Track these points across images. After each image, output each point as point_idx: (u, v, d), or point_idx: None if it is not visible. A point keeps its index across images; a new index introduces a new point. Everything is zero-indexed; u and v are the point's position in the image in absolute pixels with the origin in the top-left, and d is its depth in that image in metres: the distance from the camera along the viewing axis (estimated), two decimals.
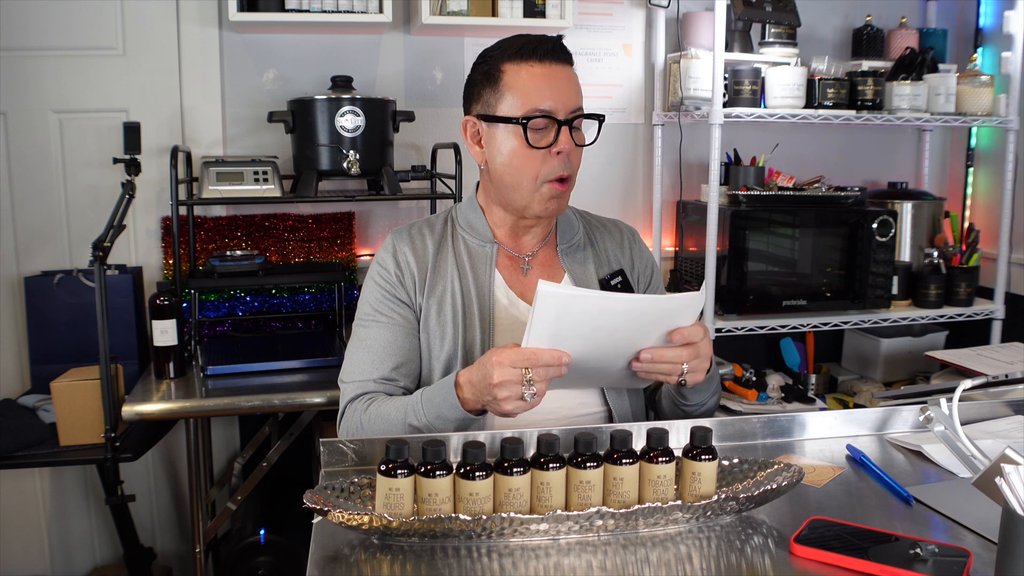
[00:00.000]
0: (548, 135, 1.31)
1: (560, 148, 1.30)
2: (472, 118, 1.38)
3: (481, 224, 1.43)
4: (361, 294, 1.41)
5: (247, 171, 2.12)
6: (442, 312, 1.35)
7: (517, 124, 1.30)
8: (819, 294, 2.38)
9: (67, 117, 2.27)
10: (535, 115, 1.29)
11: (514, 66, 1.31)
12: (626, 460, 0.95)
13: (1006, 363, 1.94)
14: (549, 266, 1.44)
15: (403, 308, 1.37)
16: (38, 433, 1.93)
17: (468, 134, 1.39)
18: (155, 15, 2.27)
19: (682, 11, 2.55)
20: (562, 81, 1.32)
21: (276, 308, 2.34)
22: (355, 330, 1.39)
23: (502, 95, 1.32)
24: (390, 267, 1.38)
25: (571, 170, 1.33)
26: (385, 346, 1.34)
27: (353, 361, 1.36)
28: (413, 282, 1.37)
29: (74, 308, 2.14)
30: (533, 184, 1.32)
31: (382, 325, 1.36)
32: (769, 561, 0.90)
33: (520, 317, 1.37)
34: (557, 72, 1.32)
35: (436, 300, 1.36)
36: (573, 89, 1.33)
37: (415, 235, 1.42)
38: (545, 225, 1.44)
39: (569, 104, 1.31)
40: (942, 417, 1.15)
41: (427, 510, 0.91)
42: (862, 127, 2.69)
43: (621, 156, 2.63)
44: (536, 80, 1.30)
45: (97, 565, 2.46)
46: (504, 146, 1.33)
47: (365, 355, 1.35)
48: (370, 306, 1.38)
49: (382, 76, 2.43)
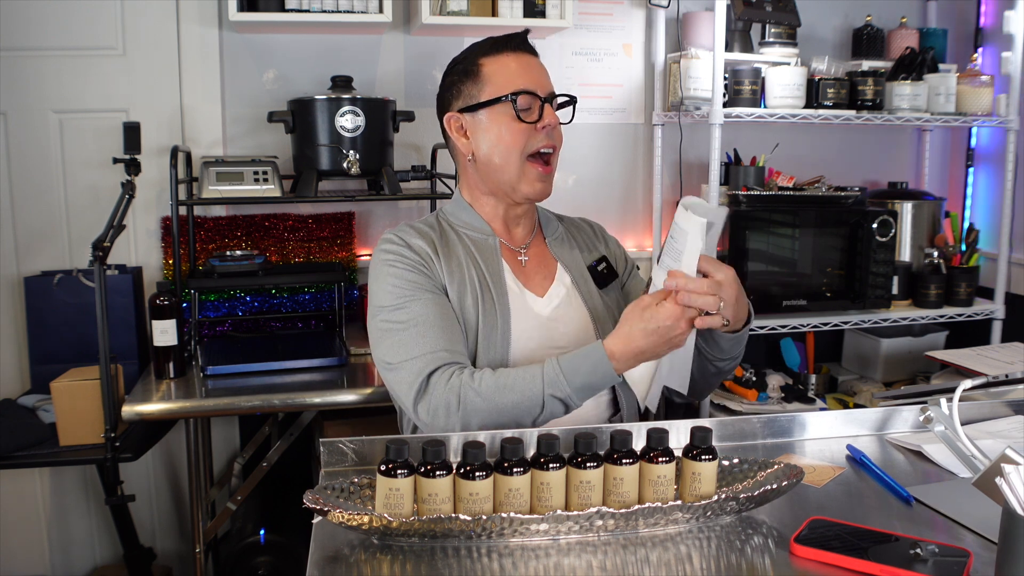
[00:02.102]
0: (533, 112, 1.39)
1: (546, 123, 1.38)
2: (454, 114, 1.44)
3: (476, 219, 1.46)
4: (375, 287, 1.37)
5: (247, 171, 2.12)
6: (463, 296, 1.36)
7: (506, 100, 1.37)
8: (819, 294, 2.38)
9: (67, 117, 2.27)
10: (521, 91, 1.37)
11: (491, 59, 1.41)
12: (626, 460, 0.95)
13: (1006, 363, 1.94)
14: (542, 256, 1.49)
15: (435, 284, 1.36)
16: (38, 433, 1.93)
17: (452, 129, 1.44)
18: (155, 15, 2.27)
19: (682, 11, 2.55)
20: (536, 68, 1.43)
21: (276, 308, 2.34)
22: (385, 318, 1.33)
23: (484, 84, 1.40)
24: (406, 253, 1.37)
25: (555, 142, 1.41)
26: (437, 317, 1.31)
27: (403, 340, 1.29)
28: (432, 263, 1.38)
29: (74, 308, 2.14)
30: (519, 160, 1.38)
31: (422, 301, 1.32)
32: (769, 561, 0.90)
33: (528, 304, 1.41)
34: (531, 61, 1.43)
35: (456, 285, 1.37)
36: (545, 74, 1.43)
37: (418, 228, 1.44)
38: (530, 217, 1.51)
39: (546, 86, 1.42)
40: (942, 417, 1.15)
41: (427, 510, 0.91)
42: (862, 127, 2.69)
43: (621, 156, 2.63)
44: (512, 67, 1.40)
45: (97, 565, 2.46)
46: (491, 129, 1.39)
47: (417, 331, 1.29)
48: (399, 288, 1.33)
49: (382, 76, 2.43)
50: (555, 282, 1.46)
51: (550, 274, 1.47)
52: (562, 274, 1.48)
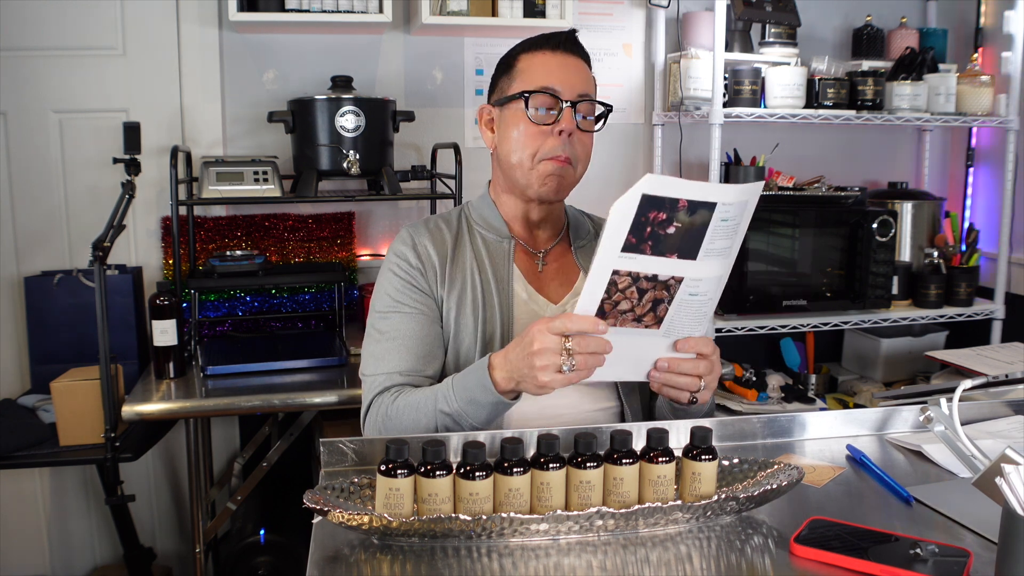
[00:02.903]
0: (550, 114, 1.32)
1: (562, 127, 1.31)
2: (486, 106, 1.42)
3: (496, 219, 1.43)
4: (377, 287, 1.39)
5: (247, 171, 2.12)
6: (462, 305, 1.34)
7: (520, 98, 1.32)
8: (819, 294, 2.38)
9: (67, 117, 2.27)
10: (539, 90, 1.32)
11: (529, 54, 1.36)
12: (626, 460, 0.95)
13: (1006, 363, 1.94)
14: (564, 263, 1.44)
15: (425, 298, 1.35)
16: (38, 433, 1.93)
17: (483, 121, 1.42)
18: (155, 15, 2.27)
19: (682, 11, 2.55)
20: (572, 68, 1.35)
21: (276, 308, 2.34)
22: (374, 323, 1.36)
23: (513, 80, 1.36)
24: (410, 257, 1.36)
25: (571, 152, 1.33)
26: (409, 336, 1.32)
27: (376, 353, 1.33)
28: (434, 273, 1.36)
29: (74, 308, 2.14)
30: (531, 163, 1.33)
31: (405, 315, 1.33)
32: (769, 561, 0.90)
33: (539, 311, 1.36)
34: (568, 60, 1.35)
35: (456, 293, 1.35)
36: (582, 77, 1.35)
37: (432, 228, 1.41)
38: (556, 222, 1.45)
39: (576, 88, 1.33)
40: (942, 417, 1.15)
41: (427, 510, 0.91)
42: (862, 127, 2.69)
43: (621, 156, 2.63)
44: (547, 64, 1.34)
45: (97, 565, 2.46)
46: (511, 126, 1.35)
47: (388, 346, 1.32)
48: (390, 297, 1.35)
49: (382, 76, 2.43)
50: (572, 291, 1.40)
51: (568, 281, 1.42)
52: (582, 283, 1.37)
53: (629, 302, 1.10)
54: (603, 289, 1.08)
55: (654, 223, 1.05)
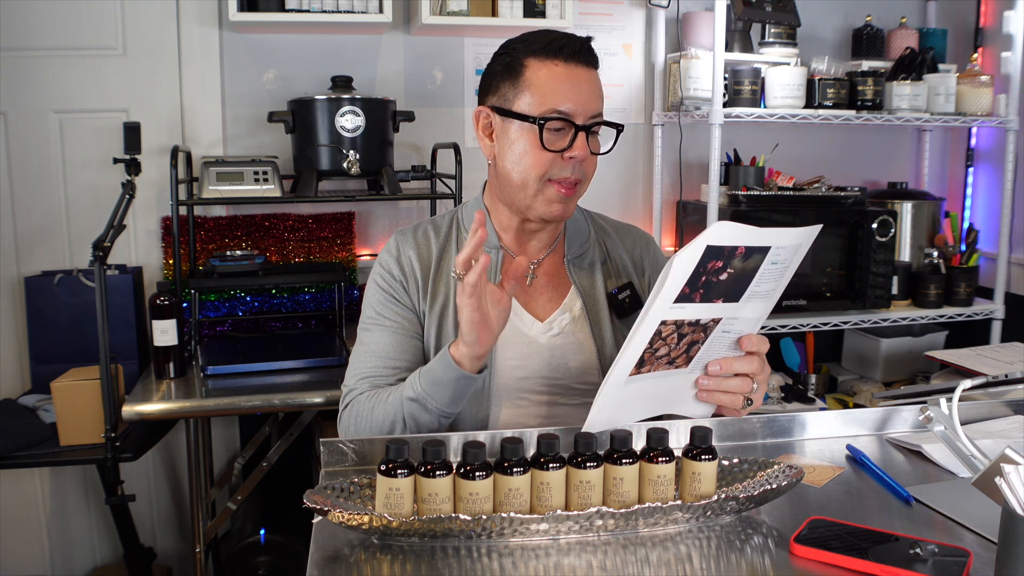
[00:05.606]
0: (564, 138, 1.24)
1: (574, 154, 1.24)
2: (486, 109, 1.31)
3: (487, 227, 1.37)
4: (364, 296, 1.40)
5: (247, 171, 2.12)
6: (444, 320, 1.32)
7: (533, 123, 1.23)
8: (819, 294, 2.38)
9: (67, 117, 2.27)
10: (552, 116, 1.23)
11: (538, 62, 1.25)
12: (626, 460, 0.95)
13: (1006, 363, 1.94)
14: (555, 276, 1.37)
15: (406, 311, 1.34)
16: (38, 433, 1.93)
17: (480, 125, 1.32)
18: (155, 15, 2.27)
19: (682, 11, 2.55)
20: (585, 84, 1.26)
21: (276, 308, 2.34)
22: (358, 334, 1.37)
23: (521, 90, 1.25)
24: (393, 270, 1.35)
25: (581, 175, 1.27)
26: (387, 350, 1.32)
27: (355, 365, 1.34)
28: (416, 286, 1.34)
29: (74, 308, 2.14)
30: (537, 184, 1.26)
31: (384, 329, 1.33)
32: (769, 561, 0.90)
33: (523, 328, 1.32)
34: (581, 75, 1.26)
35: (439, 307, 1.33)
36: (595, 94, 1.27)
37: (420, 237, 1.38)
38: (552, 231, 1.38)
39: (589, 109, 1.25)
40: (942, 417, 1.15)
41: (427, 510, 0.91)
42: (862, 127, 2.69)
43: (621, 156, 2.63)
44: (558, 80, 1.24)
45: (97, 565, 2.46)
46: (516, 143, 1.26)
47: (367, 359, 1.32)
48: (372, 309, 1.36)
49: (382, 76, 2.43)
50: (561, 307, 1.34)
51: (558, 296, 1.36)
52: (572, 299, 1.35)
53: (667, 347, 1.07)
54: (648, 340, 1.04)
55: (710, 272, 1.00)
